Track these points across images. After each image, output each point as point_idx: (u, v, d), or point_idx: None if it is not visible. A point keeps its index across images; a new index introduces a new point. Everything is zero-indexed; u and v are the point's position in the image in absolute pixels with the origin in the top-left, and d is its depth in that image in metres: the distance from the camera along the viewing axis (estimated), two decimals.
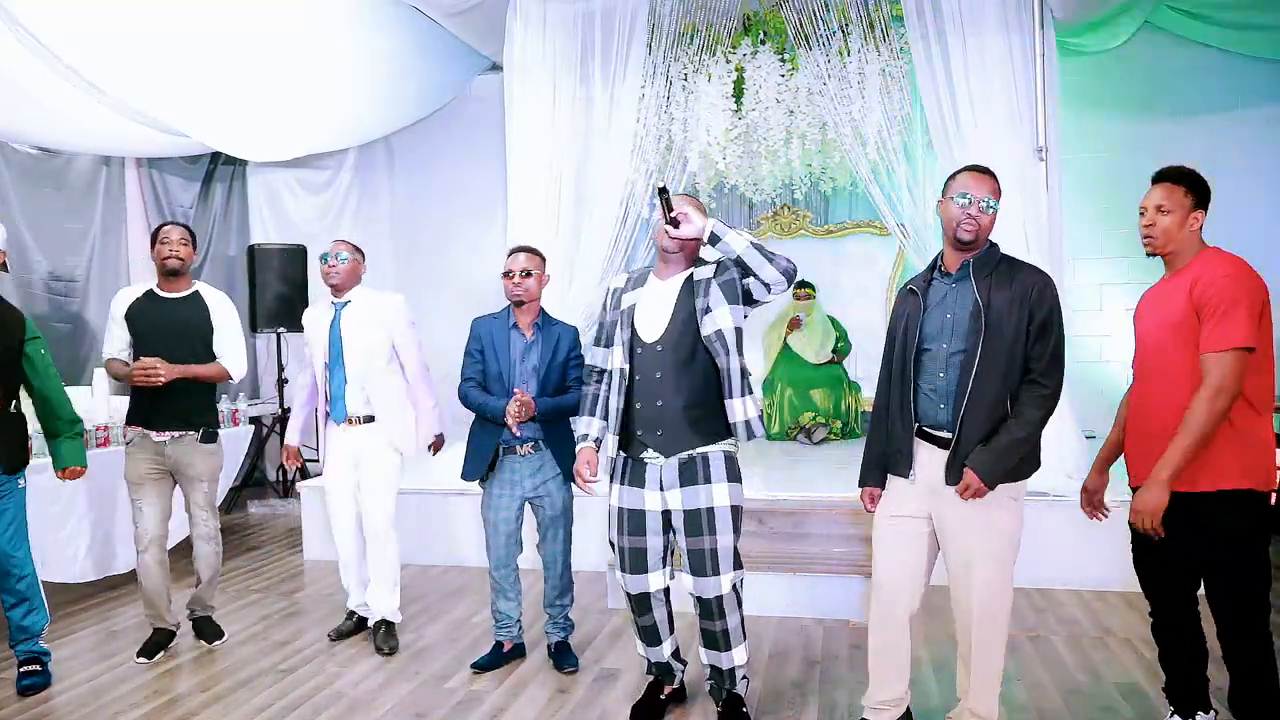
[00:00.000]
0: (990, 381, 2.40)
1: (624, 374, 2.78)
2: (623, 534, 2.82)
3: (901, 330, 2.56)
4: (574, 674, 3.35)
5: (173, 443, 3.56)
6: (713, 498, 2.72)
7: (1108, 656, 3.43)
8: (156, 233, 3.66)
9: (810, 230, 7.01)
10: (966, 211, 2.43)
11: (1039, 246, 4.45)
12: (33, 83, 4.08)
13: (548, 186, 5.16)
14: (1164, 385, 2.45)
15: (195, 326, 3.60)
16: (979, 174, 2.49)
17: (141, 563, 3.60)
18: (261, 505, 6.48)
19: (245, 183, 7.02)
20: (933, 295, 2.53)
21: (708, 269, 2.77)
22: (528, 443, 3.30)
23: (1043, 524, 4.23)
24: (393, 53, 5.44)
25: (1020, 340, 2.40)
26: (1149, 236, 2.52)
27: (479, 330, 3.40)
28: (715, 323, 2.69)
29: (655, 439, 2.74)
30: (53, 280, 5.69)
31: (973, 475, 2.39)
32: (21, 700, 3.24)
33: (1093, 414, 5.63)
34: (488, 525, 3.38)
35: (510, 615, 3.47)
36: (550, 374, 3.31)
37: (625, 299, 2.86)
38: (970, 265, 2.47)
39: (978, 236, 2.45)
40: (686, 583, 2.78)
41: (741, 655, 2.85)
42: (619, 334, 2.81)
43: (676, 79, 5.26)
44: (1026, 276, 2.45)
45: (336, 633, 3.79)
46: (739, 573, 2.77)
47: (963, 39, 4.53)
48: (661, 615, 2.90)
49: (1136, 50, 5.94)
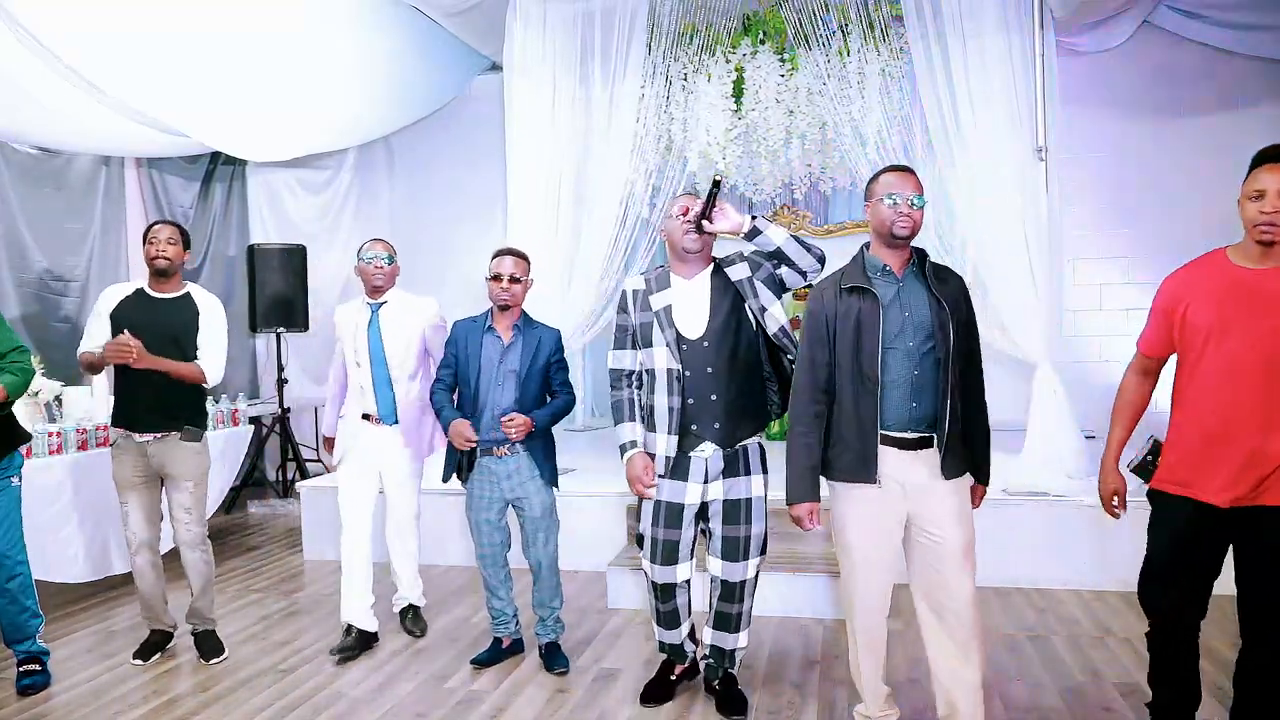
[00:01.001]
0: (956, 374, 2.48)
1: (676, 374, 2.81)
2: (658, 525, 2.88)
3: (851, 329, 2.47)
4: (565, 674, 3.34)
5: (156, 443, 3.48)
6: (751, 489, 2.89)
7: (1108, 656, 3.43)
8: (147, 231, 3.58)
9: (810, 230, 7.01)
10: (899, 210, 2.46)
11: (1039, 246, 4.46)
12: (33, 83, 4.08)
13: (547, 186, 5.15)
14: (1252, 385, 2.25)
15: (181, 329, 3.50)
16: (903, 174, 2.52)
17: (135, 565, 3.57)
18: (261, 505, 6.48)
19: (245, 183, 7.02)
20: (883, 294, 2.48)
21: (741, 267, 2.84)
22: (503, 444, 3.28)
23: (1043, 524, 4.24)
24: (393, 53, 5.44)
25: (961, 336, 2.50)
26: (1273, 224, 2.22)
27: (455, 333, 3.41)
28: (776, 320, 2.82)
29: (714, 432, 2.82)
30: (52, 280, 5.69)
31: (982, 492, 2.63)
32: (21, 700, 3.24)
33: (1092, 414, 5.65)
34: (471, 524, 3.40)
35: (505, 611, 3.47)
36: (531, 377, 3.27)
37: (655, 300, 2.87)
38: (925, 264, 2.53)
39: (911, 233, 2.49)
40: (714, 567, 2.92)
41: (745, 639, 3.01)
42: (660, 334, 2.83)
43: (676, 79, 5.26)
44: (954, 278, 2.58)
45: (340, 653, 3.57)
46: (763, 558, 2.94)
47: (962, 39, 4.54)
48: (683, 600, 3.01)
49: (1136, 50, 5.94)
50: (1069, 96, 5.34)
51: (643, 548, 2.95)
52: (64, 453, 4.20)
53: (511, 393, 3.27)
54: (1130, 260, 6.12)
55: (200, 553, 3.59)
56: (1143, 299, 6.22)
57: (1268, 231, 2.23)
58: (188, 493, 3.54)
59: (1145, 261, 6.04)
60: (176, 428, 3.49)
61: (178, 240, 3.54)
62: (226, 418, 5.28)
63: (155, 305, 3.52)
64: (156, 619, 3.62)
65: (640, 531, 2.95)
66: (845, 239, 6.97)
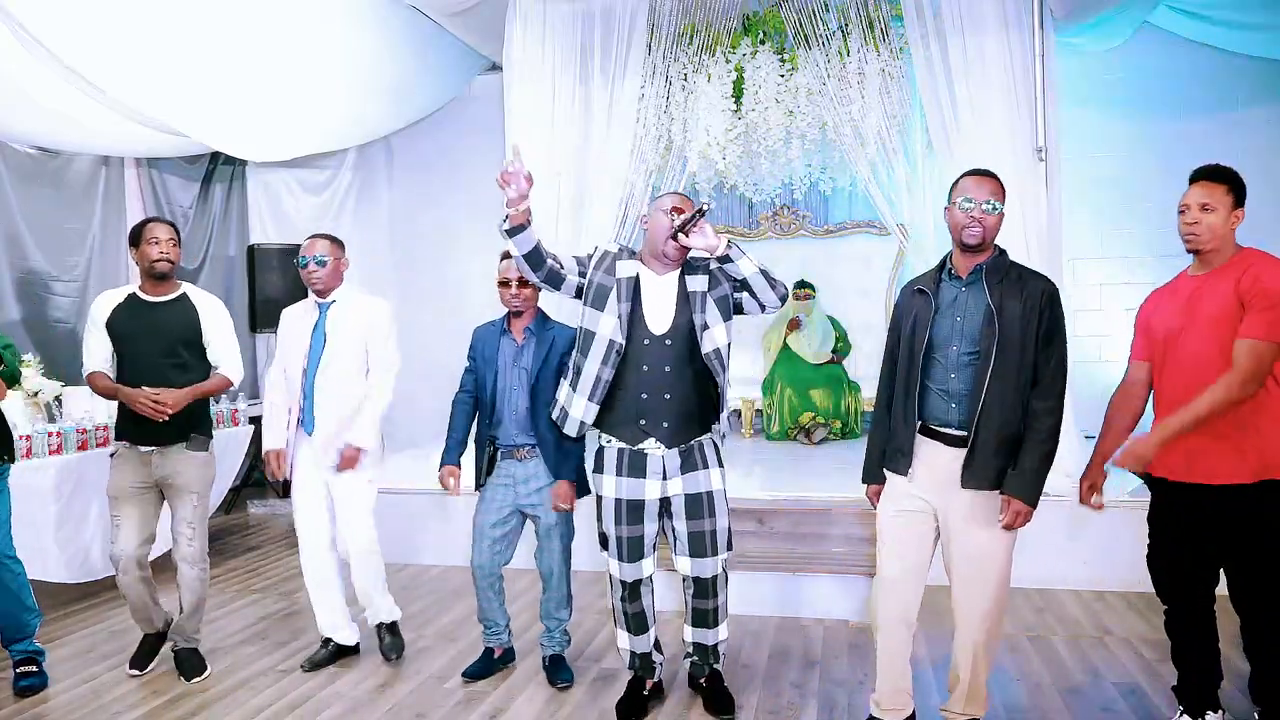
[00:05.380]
0: (1003, 385, 2.43)
1: (617, 348, 2.77)
2: (621, 524, 2.87)
3: (909, 329, 2.57)
4: (568, 689, 3.26)
5: (160, 452, 3.33)
6: (710, 482, 2.87)
7: (1108, 656, 3.43)
8: (139, 231, 3.34)
9: (810, 230, 7.01)
10: (970, 215, 2.47)
11: (1039, 246, 4.45)
12: (32, 83, 4.07)
13: (547, 186, 5.15)
14: (1200, 380, 2.44)
15: (183, 333, 3.35)
16: (980, 177, 2.53)
17: (121, 581, 3.35)
18: (261, 505, 6.48)
19: (245, 183, 7.01)
20: (943, 297, 2.55)
21: (700, 279, 2.82)
22: (524, 447, 3.26)
23: (1043, 524, 4.21)
24: (393, 53, 5.44)
25: (1029, 347, 2.44)
26: (1193, 234, 2.51)
27: (474, 339, 3.39)
28: (713, 340, 2.78)
29: (662, 431, 2.80)
30: (52, 280, 5.68)
31: (1019, 503, 2.43)
32: (19, 701, 3.23)
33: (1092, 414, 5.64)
34: (475, 529, 3.33)
35: (497, 621, 3.42)
36: (543, 376, 3.23)
37: (621, 267, 2.83)
38: (983, 270, 2.50)
39: (984, 239, 2.48)
40: (683, 565, 2.90)
41: (724, 631, 3.03)
42: (616, 304, 2.78)
43: (676, 79, 5.26)
44: (1035, 284, 2.50)
45: (310, 663, 3.47)
46: (730, 552, 2.94)
47: (962, 39, 4.53)
48: (649, 602, 3.01)
49: (1136, 50, 5.93)
50: (1069, 96, 5.34)
51: (606, 547, 2.93)
52: (64, 453, 4.19)
53: (524, 391, 3.23)
54: (1130, 260, 6.11)
55: (198, 570, 3.41)
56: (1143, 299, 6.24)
57: (1187, 241, 2.54)
58: (191, 506, 3.37)
59: (1145, 261, 6.04)
60: (183, 438, 3.35)
61: (177, 239, 3.38)
62: (226, 418, 5.28)
63: (153, 311, 3.35)
64: (148, 621, 3.46)
65: (602, 531, 2.92)
66: (845, 239, 6.98)
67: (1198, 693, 2.64)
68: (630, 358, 2.79)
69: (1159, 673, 3.20)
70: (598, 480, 2.92)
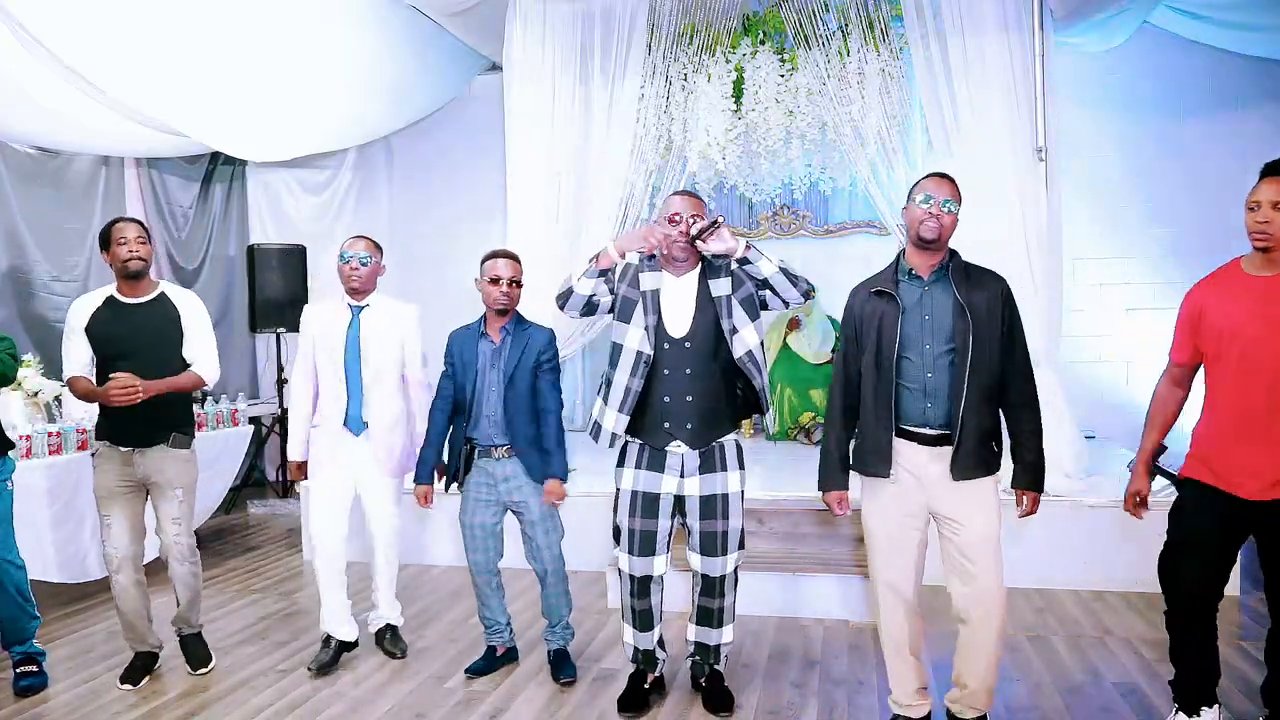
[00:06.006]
0: (980, 379, 2.50)
1: (645, 359, 2.80)
2: (635, 516, 2.89)
3: (875, 332, 2.58)
4: (571, 684, 3.28)
5: (141, 452, 3.27)
6: (728, 484, 2.89)
7: (1108, 656, 3.43)
8: (108, 233, 3.27)
9: (810, 230, 7.01)
10: (929, 211, 2.53)
11: (1039, 247, 4.45)
12: (32, 83, 4.07)
13: (547, 187, 5.15)
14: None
15: (164, 333, 3.29)
16: (939, 179, 2.60)
17: (116, 584, 3.30)
18: (261, 505, 6.47)
19: (245, 183, 7.02)
20: (906, 298, 2.58)
21: (724, 283, 2.83)
22: (501, 446, 3.25)
23: (1043, 524, 4.22)
24: (393, 53, 5.43)
25: (997, 340, 2.52)
26: (1263, 233, 2.41)
27: (451, 344, 3.35)
28: (745, 344, 2.81)
29: (686, 432, 2.83)
30: (52, 280, 5.68)
31: (1033, 496, 2.62)
32: (19, 701, 3.23)
33: (1092, 414, 5.64)
34: (464, 530, 3.33)
35: (498, 620, 3.43)
36: (518, 377, 3.20)
37: (644, 280, 2.87)
38: (949, 268, 2.57)
39: (940, 235, 2.54)
40: (694, 562, 2.93)
41: (729, 634, 3.04)
42: (643, 317, 2.83)
43: (676, 79, 5.26)
44: (994, 284, 2.58)
45: (318, 666, 3.45)
46: (742, 553, 2.96)
47: (962, 39, 4.53)
48: (657, 600, 3.01)
49: (1136, 50, 5.93)
50: (1069, 96, 5.34)
51: (619, 541, 2.95)
52: (64, 452, 4.20)
53: (499, 392, 3.21)
54: (1130, 260, 6.11)
55: (189, 565, 3.39)
56: (1143, 299, 6.23)
57: (1258, 239, 2.44)
58: (176, 503, 3.32)
59: (1145, 261, 6.04)
60: (164, 438, 3.31)
61: (146, 238, 3.29)
62: (226, 418, 5.28)
63: (132, 313, 3.27)
64: (140, 639, 3.39)
65: (616, 524, 2.95)
66: (845, 239, 6.98)
67: (1195, 690, 2.65)
68: (652, 364, 2.81)
69: (1159, 673, 3.20)
70: (618, 474, 2.95)
